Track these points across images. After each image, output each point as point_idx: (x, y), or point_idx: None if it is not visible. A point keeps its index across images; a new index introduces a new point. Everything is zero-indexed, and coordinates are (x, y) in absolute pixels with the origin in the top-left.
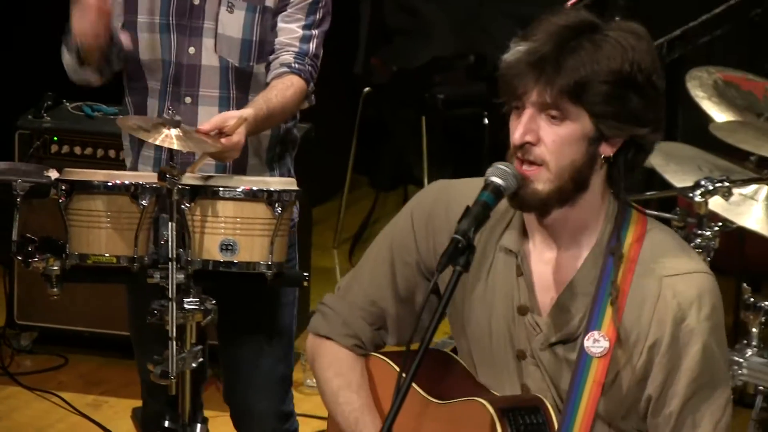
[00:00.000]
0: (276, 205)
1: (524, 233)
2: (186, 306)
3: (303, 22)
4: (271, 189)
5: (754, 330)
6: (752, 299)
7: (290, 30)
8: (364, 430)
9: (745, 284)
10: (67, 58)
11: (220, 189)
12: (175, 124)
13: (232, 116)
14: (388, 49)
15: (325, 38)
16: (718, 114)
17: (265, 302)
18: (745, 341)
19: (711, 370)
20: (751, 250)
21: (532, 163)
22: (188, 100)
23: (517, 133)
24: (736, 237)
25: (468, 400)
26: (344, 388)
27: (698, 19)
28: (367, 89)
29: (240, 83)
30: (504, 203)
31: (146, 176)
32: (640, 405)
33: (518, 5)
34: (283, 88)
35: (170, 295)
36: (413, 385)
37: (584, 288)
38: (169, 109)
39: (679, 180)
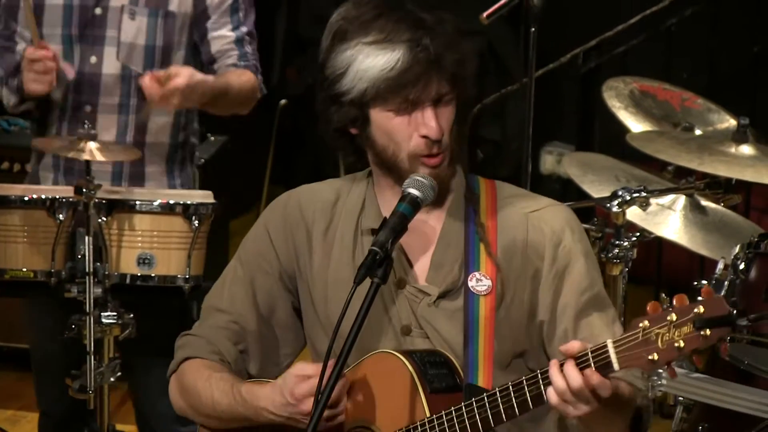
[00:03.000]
0: (193, 218)
1: (379, 210)
2: (104, 320)
3: (230, 25)
4: (188, 202)
5: None
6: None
7: (222, 37)
8: (239, 387)
9: (663, 294)
10: (6, 97)
11: (137, 202)
12: (92, 138)
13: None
14: (303, 60)
15: (255, 24)
16: (635, 124)
17: (175, 313)
18: None
19: (594, 285)
20: (668, 260)
21: (439, 153)
22: (88, 108)
23: (434, 128)
24: (654, 247)
25: (371, 355)
26: (214, 372)
27: (614, 29)
28: (282, 101)
29: (141, 90)
30: (357, 190)
31: (63, 190)
32: (534, 339)
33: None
34: (238, 74)
35: (88, 310)
36: None
37: (453, 238)
38: (85, 124)
39: (597, 190)
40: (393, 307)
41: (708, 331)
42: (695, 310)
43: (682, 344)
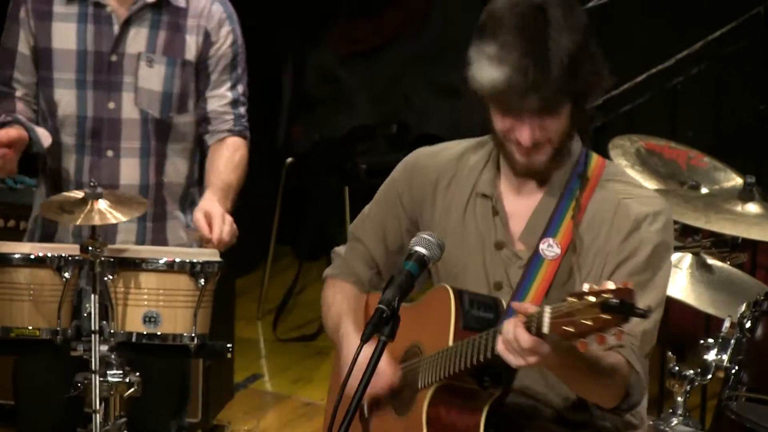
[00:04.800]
0: (199, 277)
1: (498, 171)
2: (110, 378)
3: (229, 83)
4: (194, 260)
5: (679, 399)
6: (677, 368)
7: (220, 96)
8: (342, 324)
9: (669, 353)
10: None
11: (143, 261)
12: (98, 196)
13: (214, 214)
14: (310, 119)
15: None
16: (642, 182)
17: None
18: (671, 410)
19: (653, 272)
20: (675, 319)
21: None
22: (110, 153)
23: (527, 138)
24: None
25: (433, 288)
26: (339, 294)
27: (620, 87)
28: (289, 159)
29: (159, 134)
30: (481, 151)
31: (69, 248)
32: None
33: (439, 73)
34: (230, 156)
35: (93, 368)
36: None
37: (549, 205)
38: (91, 182)
39: None
40: (489, 264)
41: (608, 315)
42: (604, 295)
43: (590, 323)
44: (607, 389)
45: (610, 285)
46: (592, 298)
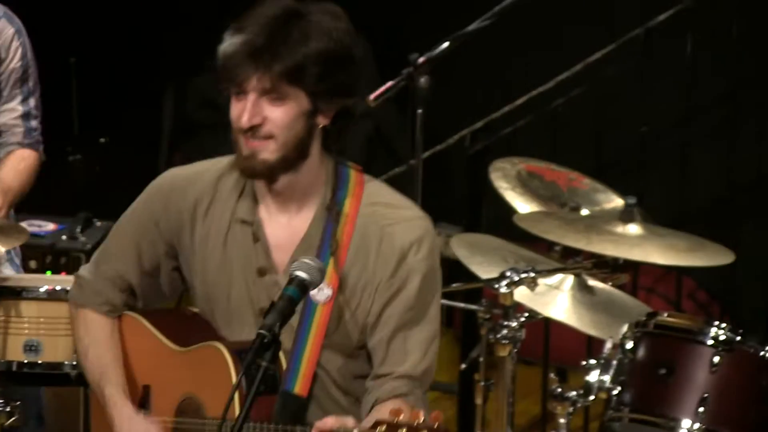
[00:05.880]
0: None
1: (256, 201)
2: None
3: (20, 97)
4: None
5: (561, 421)
6: (559, 389)
7: (10, 110)
8: (108, 384)
9: (552, 374)
10: None
11: (23, 289)
12: None
13: None
14: (191, 144)
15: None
16: (523, 204)
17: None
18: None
19: (425, 304)
20: (557, 340)
21: (260, 137)
22: None
23: (245, 118)
24: (542, 327)
25: (205, 344)
26: (93, 345)
27: (501, 110)
28: None
29: None
30: (234, 176)
31: None
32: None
33: None
34: (15, 164)
35: None
36: (157, 335)
37: (314, 243)
38: None
39: (485, 271)
40: (253, 291)
41: None
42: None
43: None
44: None
45: (422, 417)
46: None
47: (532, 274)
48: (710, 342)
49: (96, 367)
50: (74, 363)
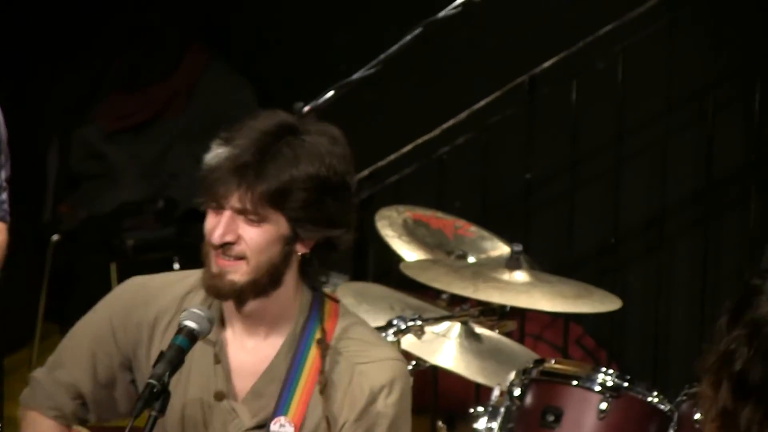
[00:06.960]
0: None
1: (223, 321)
2: None
3: None
4: None
5: None
6: None
7: None
8: None
9: (440, 422)
10: None
11: None
12: None
13: None
14: (76, 196)
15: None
16: (409, 252)
17: None
18: None
19: None
20: (445, 388)
21: (231, 257)
22: None
23: (217, 233)
24: (430, 375)
25: None
26: None
27: (386, 158)
28: (55, 237)
29: None
30: (201, 293)
31: None
32: None
33: (205, 150)
34: None
35: None
36: None
37: (280, 374)
38: None
39: (372, 320)
40: (209, 416)
41: None
42: None
43: None
44: None
45: None
46: None
47: (419, 322)
48: (597, 388)
49: None
50: None
